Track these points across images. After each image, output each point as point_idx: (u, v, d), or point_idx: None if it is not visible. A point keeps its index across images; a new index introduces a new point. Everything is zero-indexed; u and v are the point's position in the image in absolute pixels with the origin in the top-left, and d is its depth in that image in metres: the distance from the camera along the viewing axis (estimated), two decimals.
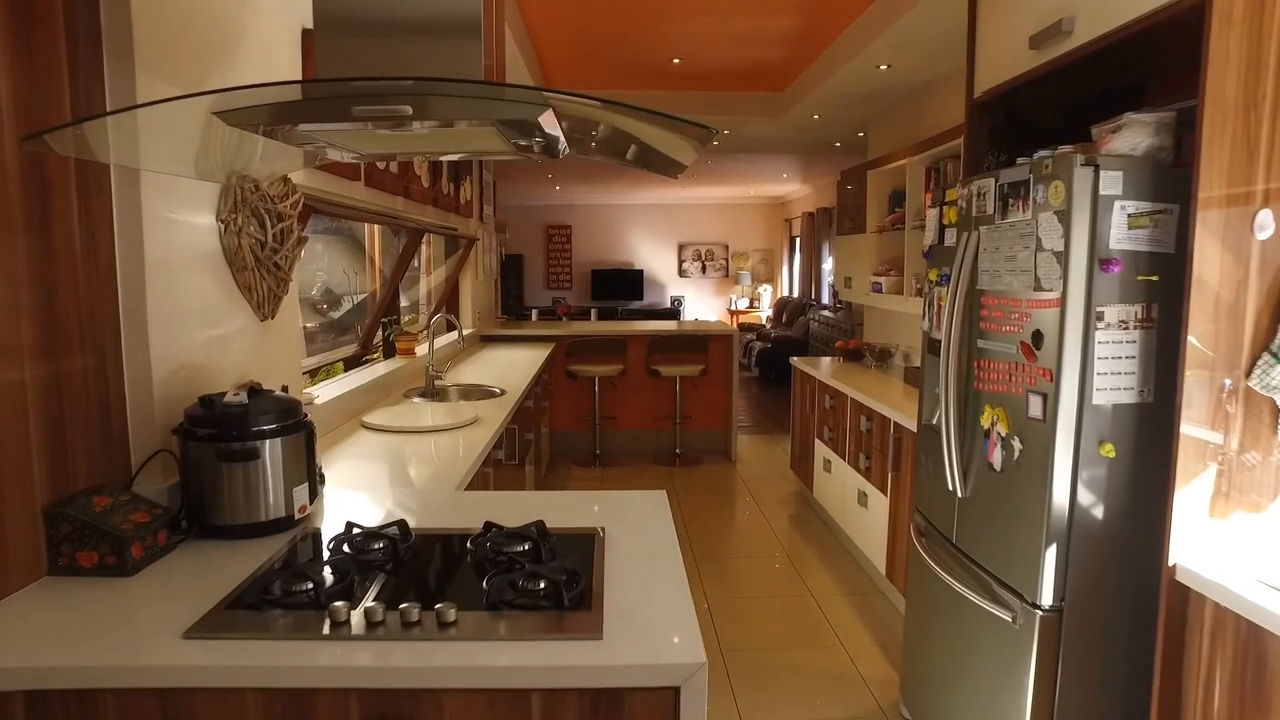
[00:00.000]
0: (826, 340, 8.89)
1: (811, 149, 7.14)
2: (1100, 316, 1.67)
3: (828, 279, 11.12)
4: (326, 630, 1.24)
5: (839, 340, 8.30)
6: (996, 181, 1.94)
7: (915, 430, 2.85)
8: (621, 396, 6.13)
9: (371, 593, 1.38)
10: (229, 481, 1.66)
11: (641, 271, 13.67)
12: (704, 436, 6.19)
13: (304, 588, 1.35)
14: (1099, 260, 1.66)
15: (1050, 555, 1.74)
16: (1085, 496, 1.72)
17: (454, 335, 5.34)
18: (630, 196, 13.25)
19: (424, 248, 5.76)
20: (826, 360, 5.02)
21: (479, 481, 2.55)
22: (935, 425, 2.32)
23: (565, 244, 13.80)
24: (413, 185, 3.80)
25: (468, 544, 1.58)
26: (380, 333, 4.03)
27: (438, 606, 1.26)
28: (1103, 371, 1.67)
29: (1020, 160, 1.94)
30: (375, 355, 4.15)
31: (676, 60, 4.74)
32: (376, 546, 1.57)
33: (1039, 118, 2.52)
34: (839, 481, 4.10)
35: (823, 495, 4.44)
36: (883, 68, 4.09)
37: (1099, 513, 1.73)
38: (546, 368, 5.23)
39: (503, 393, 3.63)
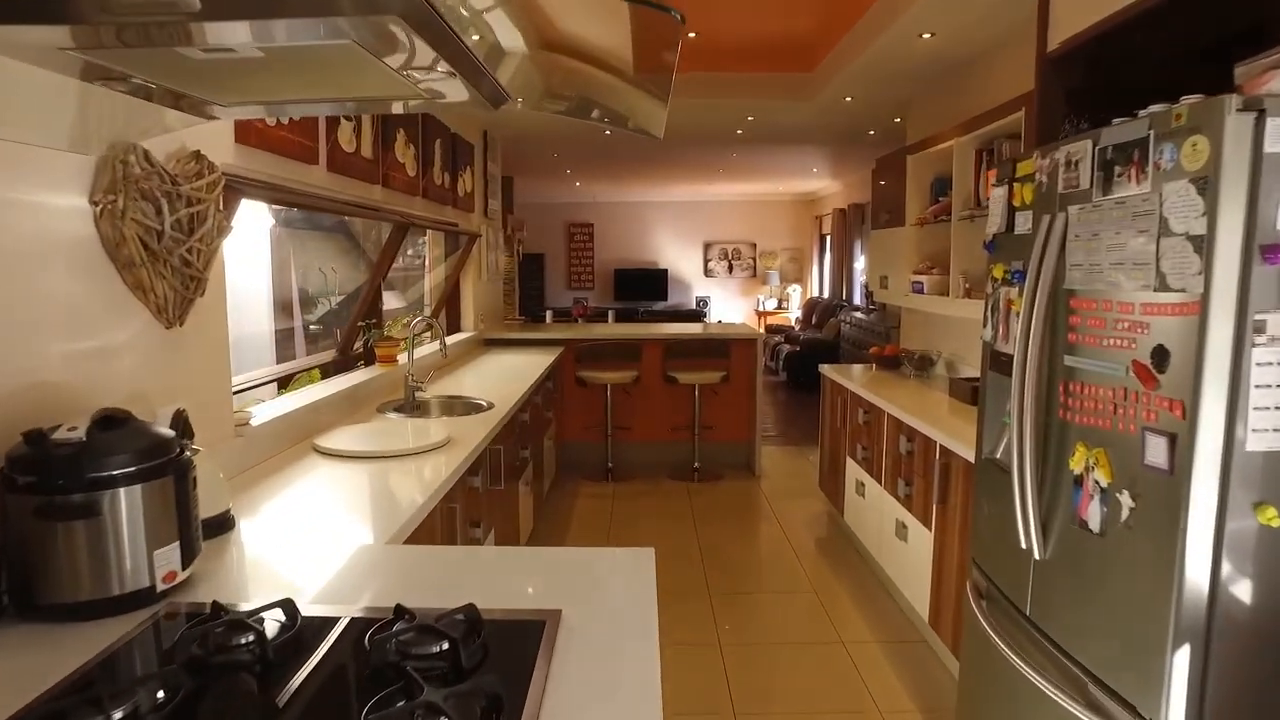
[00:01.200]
0: (859, 343, 8.35)
1: (843, 138, 6.62)
2: (1260, 328, 1.19)
3: (860, 278, 10.55)
4: None
5: (874, 345, 7.76)
6: (1095, 145, 1.46)
7: (972, 461, 2.37)
8: (636, 405, 5.68)
9: None
10: (63, 544, 1.25)
11: (666, 271, 13.22)
12: (725, 449, 5.72)
13: None
14: (1260, 247, 1.17)
15: (1181, 659, 1.26)
16: (1234, 579, 1.24)
17: (453, 338, 4.94)
18: (654, 193, 12.80)
19: (428, 245, 5.38)
20: (859, 368, 4.53)
21: (440, 522, 2.12)
22: (1000, 461, 1.84)
23: (587, 243, 13.39)
24: (393, 173, 3.40)
25: (365, 641, 1.15)
26: (362, 338, 3.64)
27: None
28: (1263, 405, 1.19)
29: (1116, 121, 1.45)
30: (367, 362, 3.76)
31: (692, 34, 4.28)
32: (241, 642, 1.14)
33: (1127, 78, 2.02)
34: (874, 508, 3.61)
35: (855, 521, 3.95)
36: (925, 36, 3.58)
37: (1255, 602, 1.25)
38: (552, 375, 4.81)
39: (490, 406, 3.21)
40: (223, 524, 1.67)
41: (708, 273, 13.31)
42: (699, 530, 4.38)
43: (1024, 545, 1.62)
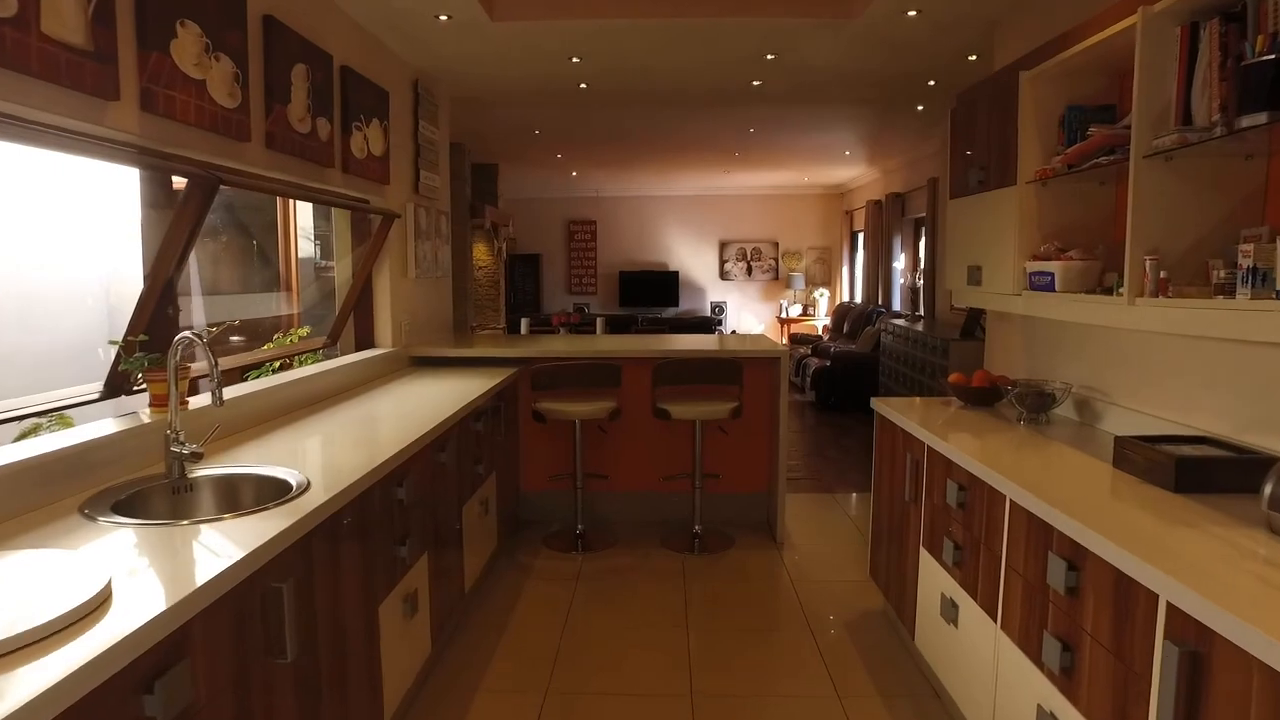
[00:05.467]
0: (904, 359, 6.84)
1: (891, 93, 5.16)
2: None
3: (899, 280, 9.06)
4: None
5: (926, 361, 6.26)
6: None
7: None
8: (615, 447, 4.26)
9: None
10: None
11: (677, 274, 11.82)
12: (737, 503, 4.28)
13: None
14: None
15: None
16: None
17: (359, 356, 3.54)
18: (664, 187, 11.42)
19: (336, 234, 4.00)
20: (930, 404, 3.06)
21: None
22: None
23: (589, 242, 12.03)
24: (171, 91, 2.01)
25: None
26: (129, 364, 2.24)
27: None
28: None
29: None
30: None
31: None
32: None
33: None
34: (979, 656, 2.15)
35: (937, 656, 2.49)
36: None
37: None
38: (493, 409, 3.40)
39: (305, 488, 1.80)
40: None
41: (724, 275, 11.87)
42: (692, 643, 2.94)
43: None
